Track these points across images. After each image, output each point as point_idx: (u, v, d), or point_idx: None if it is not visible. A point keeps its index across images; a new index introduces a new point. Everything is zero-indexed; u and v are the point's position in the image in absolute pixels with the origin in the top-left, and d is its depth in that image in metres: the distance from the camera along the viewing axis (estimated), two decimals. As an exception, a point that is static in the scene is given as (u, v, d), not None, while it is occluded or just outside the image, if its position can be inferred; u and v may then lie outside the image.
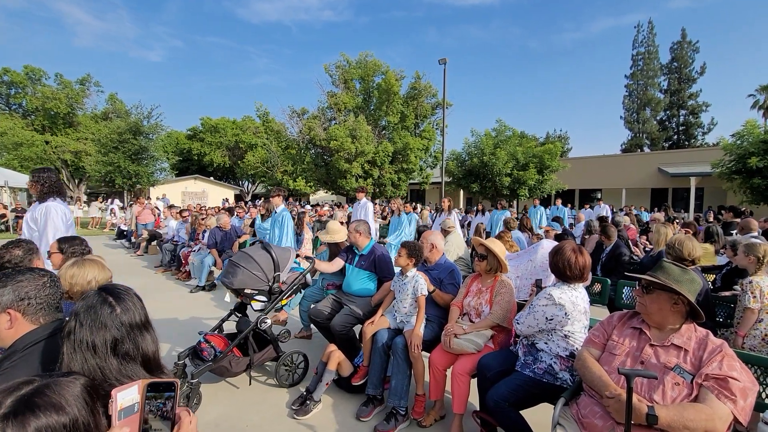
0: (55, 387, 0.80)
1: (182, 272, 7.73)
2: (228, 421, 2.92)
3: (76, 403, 0.81)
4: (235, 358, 3.20)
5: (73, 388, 0.83)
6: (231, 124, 42.73)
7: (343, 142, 19.28)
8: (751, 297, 3.06)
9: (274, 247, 3.48)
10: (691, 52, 38.23)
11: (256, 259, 3.33)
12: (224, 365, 3.11)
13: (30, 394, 0.77)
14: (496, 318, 2.77)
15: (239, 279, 3.24)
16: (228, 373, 3.19)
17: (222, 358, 3.09)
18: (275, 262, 3.37)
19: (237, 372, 3.21)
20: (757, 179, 12.94)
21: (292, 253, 3.63)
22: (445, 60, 16.78)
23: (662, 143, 38.99)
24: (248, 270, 3.27)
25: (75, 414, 0.80)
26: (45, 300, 1.44)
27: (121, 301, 1.19)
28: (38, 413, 0.75)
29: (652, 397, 1.70)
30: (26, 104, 28.95)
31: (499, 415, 2.25)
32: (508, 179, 18.98)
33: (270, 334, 3.38)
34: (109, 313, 1.15)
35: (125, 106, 22.92)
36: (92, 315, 1.13)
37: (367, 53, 23.46)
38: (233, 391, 3.32)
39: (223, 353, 3.12)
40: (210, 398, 3.17)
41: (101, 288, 1.23)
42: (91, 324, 1.12)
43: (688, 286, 1.79)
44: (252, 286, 3.29)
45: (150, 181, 21.34)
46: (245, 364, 3.22)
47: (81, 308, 1.16)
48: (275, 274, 3.37)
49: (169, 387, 0.97)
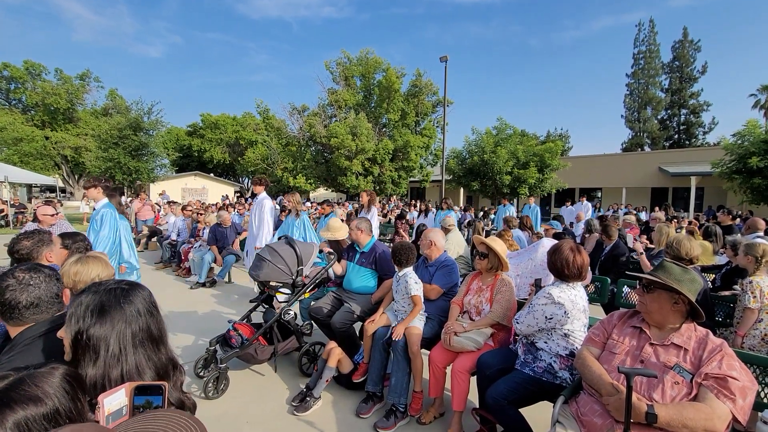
0: (31, 379, 0.80)
1: (182, 269, 7.73)
2: (228, 416, 2.93)
3: (56, 393, 0.81)
4: (261, 346, 3.40)
5: (51, 378, 0.82)
6: (231, 121, 42.68)
7: (343, 139, 19.24)
8: (751, 297, 3.07)
9: (297, 243, 3.66)
10: (692, 51, 38.13)
11: (280, 254, 3.53)
12: (251, 352, 3.31)
13: (5, 389, 0.77)
14: (496, 316, 2.77)
15: (265, 272, 3.46)
16: (254, 360, 3.37)
17: (249, 346, 3.30)
18: (299, 257, 3.57)
19: (262, 360, 3.41)
20: (758, 179, 12.93)
21: (315, 248, 3.81)
22: (446, 57, 16.74)
23: (663, 142, 38.95)
24: (273, 263, 3.48)
25: (54, 404, 0.79)
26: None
27: (136, 292, 1.21)
28: (15, 407, 0.74)
29: (651, 396, 1.71)
30: (26, 99, 28.89)
31: (498, 412, 2.27)
32: (509, 178, 18.96)
33: (293, 325, 3.56)
34: (131, 302, 1.17)
35: (125, 102, 22.82)
36: (115, 307, 1.15)
37: (368, 50, 23.41)
38: (234, 387, 3.34)
39: (249, 341, 3.33)
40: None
41: (113, 281, 1.23)
42: (128, 315, 1.14)
43: (689, 286, 1.80)
44: (277, 279, 3.50)
45: (150, 177, 21.32)
46: (270, 352, 3.42)
47: (95, 304, 1.13)
48: (299, 268, 3.57)
49: (157, 390, 0.97)
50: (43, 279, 1.46)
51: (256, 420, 2.89)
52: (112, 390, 0.94)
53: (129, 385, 0.96)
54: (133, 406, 0.95)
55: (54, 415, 0.78)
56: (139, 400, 0.96)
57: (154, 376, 1.13)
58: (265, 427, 2.82)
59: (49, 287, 1.46)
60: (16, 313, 1.40)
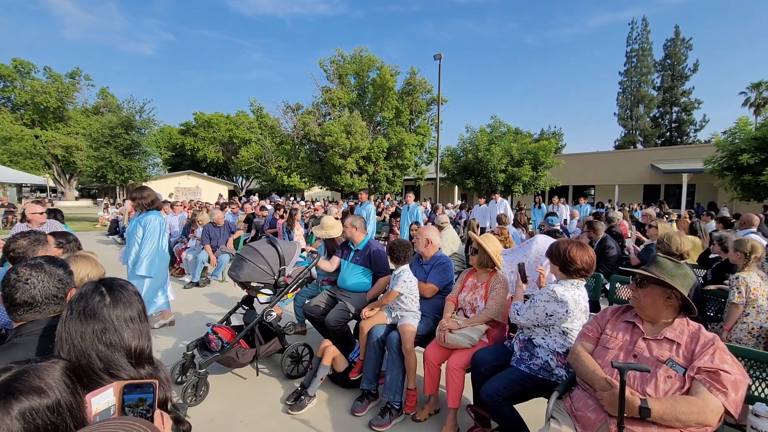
0: (34, 371, 0.81)
1: (176, 268, 7.67)
2: (222, 415, 2.91)
3: (58, 385, 0.82)
4: (242, 349, 3.27)
5: (53, 371, 0.83)
6: (224, 119, 42.40)
7: (337, 137, 19.19)
8: (736, 292, 3.12)
9: (279, 242, 3.54)
10: (684, 50, 38.53)
11: (262, 253, 3.40)
12: (231, 356, 3.19)
13: (9, 379, 0.78)
14: (491, 313, 2.78)
15: (245, 272, 3.31)
16: (235, 364, 3.25)
17: (229, 349, 3.17)
18: (281, 256, 3.44)
19: (244, 363, 3.27)
20: (748, 176, 13.08)
21: (297, 247, 3.69)
22: (440, 55, 16.72)
23: (655, 140, 39.33)
24: (254, 263, 3.34)
25: (57, 396, 0.80)
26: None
27: (114, 293, 1.21)
28: (20, 397, 0.75)
29: (644, 390, 1.72)
30: (15, 98, 28.49)
31: (493, 409, 2.27)
32: (503, 175, 19.02)
33: (276, 327, 3.45)
34: (99, 303, 1.16)
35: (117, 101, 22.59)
36: (83, 304, 1.16)
37: (362, 48, 23.36)
38: (228, 386, 3.31)
39: (230, 344, 3.20)
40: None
41: (100, 280, 1.25)
42: (80, 312, 1.14)
43: (681, 281, 1.81)
44: (258, 279, 3.36)
45: (143, 176, 21.10)
46: (252, 355, 3.30)
47: (75, 297, 1.18)
48: (281, 268, 3.44)
49: (147, 388, 0.96)
50: (42, 278, 1.42)
51: (250, 419, 2.87)
52: (99, 389, 0.92)
53: (117, 384, 0.95)
54: (124, 405, 0.94)
55: (56, 407, 0.79)
56: (130, 398, 0.94)
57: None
58: (260, 426, 2.80)
59: (46, 288, 1.42)
60: (11, 309, 1.40)
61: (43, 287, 1.41)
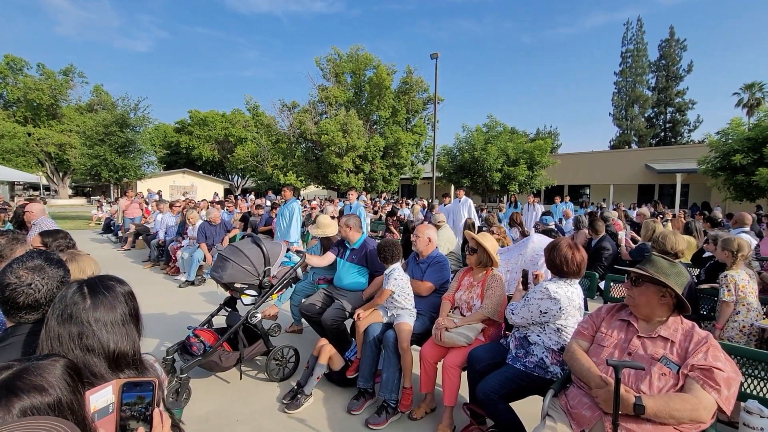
0: (35, 369, 0.80)
1: (171, 267, 7.63)
2: (218, 415, 2.90)
3: (58, 384, 0.81)
4: (225, 352, 3.17)
5: (54, 369, 0.83)
6: (220, 118, 42.17)
7: (334, 136, 19.16)
8: (726, 290, 3.17)
9: (264, 241, 3.44)
10: (678, 50, 38.80)
11: (246, 253, 3.28)
12: (214, 360, 3.09)
13: (10, 378, 0.77)
14: (487, 311, 2.79)
15: (229, 273, 3.19)
16: (218, 368, 3.16)
17: (212, 353, 3.06)
18: (265, 256, 3.33)
19: (227, 367, 3.18)
20: (741, 176, 13.21)
21: (282, 247, 3.59)
22: (436, 54, 16.71)
23: (650, 140, 39.61)
24: (238, 264, 3.22)
25: (58, 394, 0.80)
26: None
27: (96, 295, 1.17)
28: (21, 395, 0.75)
29: (639, 388, 1.73)
30: (7, 95, 28.18)
31: (488, 407, 2.28)
32: (499, 175, 19.09)
33: (260, 329, 3.35)
34: (78, 305, 1.14)
35: (111, 98, 22.39)
36: (62, 306, 1.14)
37: (359, 47, 23.37)
38: (223, 386, 3.30)
39: (212, 348, 3.09)
40: (200, 393, 3.14)
41: (85, 280, 1.22)
42: (59, 315, 1.12)
43: (676, 279, 1.82)
44: (242, 280, 3.24)
45: (137, 174, 20.95)
46: (235, 358, 3.20)
47: (57, 297, 1.17)
48: (266, 269, 3.33)
49: (147, 386, 0.95)
50: (45, 282, 1.41)
51: (246, 418, 2.87)
52: (98, 387, 0.92)
53: (116, 382, 0.95)
54: (123, 403, 0.93)
55: (57, 405, 0.79)
56: (129, 396, 0.94)
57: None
58: (256, 424, 2.80)
59: (50, 291, 1.41)
60: (12, 312, 1.39)
61: (47, 290, 1.41)
